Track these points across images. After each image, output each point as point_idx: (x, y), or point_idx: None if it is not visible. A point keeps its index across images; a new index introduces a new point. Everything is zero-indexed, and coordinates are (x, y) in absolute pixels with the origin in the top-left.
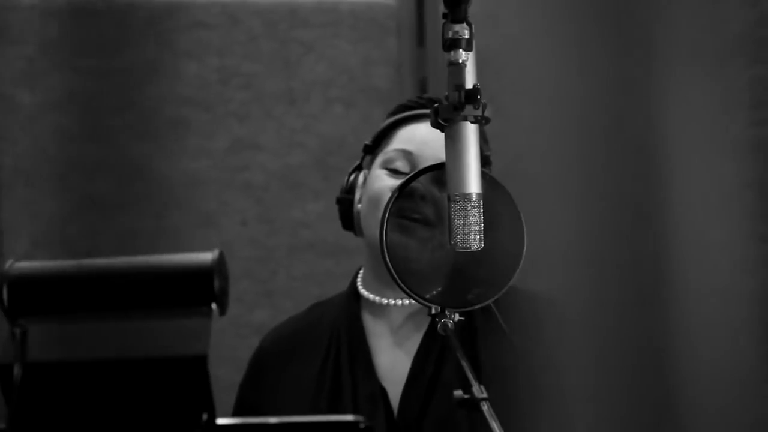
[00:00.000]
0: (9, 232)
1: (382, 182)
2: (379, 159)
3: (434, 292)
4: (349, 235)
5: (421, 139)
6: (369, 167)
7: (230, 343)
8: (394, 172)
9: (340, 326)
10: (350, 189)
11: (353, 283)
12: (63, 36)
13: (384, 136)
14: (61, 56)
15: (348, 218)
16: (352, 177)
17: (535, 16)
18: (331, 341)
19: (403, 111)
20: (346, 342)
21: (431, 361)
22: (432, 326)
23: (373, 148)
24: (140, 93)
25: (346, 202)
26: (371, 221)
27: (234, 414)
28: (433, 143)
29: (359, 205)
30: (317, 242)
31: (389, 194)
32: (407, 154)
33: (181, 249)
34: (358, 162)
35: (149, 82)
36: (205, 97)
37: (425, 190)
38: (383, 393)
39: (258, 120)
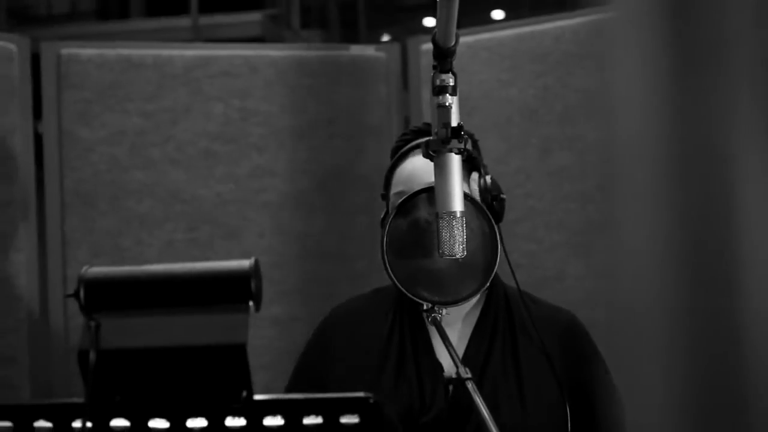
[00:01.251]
0: (71, 243)
1: None
2: (391, 202)
3: (426, 292)
4: (346, 244)
5: (407, 176)
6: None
7: (249, 333)
8: None
9: (402, 315)
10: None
11: None
12: (114, 82)
13: (388, 183)
14: (113, 99)
15: None
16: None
17: (501, 68)
18: (393, 325)
19: (395, 153)
20: (408, 330)
21: (482, 351)
22: (481, 321)
23: (385, 195)
24: (177, 129)
25: None
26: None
27: (296, 370)
28: (417, 175)
29: None
30: (321, 250)
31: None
32: (401, 195)
33: (210, 258)
34: (384, 210)
35: (184, 120)
36: (230, 132)
37: (428, 215)
38: (442, 372)
39: (273, 151)
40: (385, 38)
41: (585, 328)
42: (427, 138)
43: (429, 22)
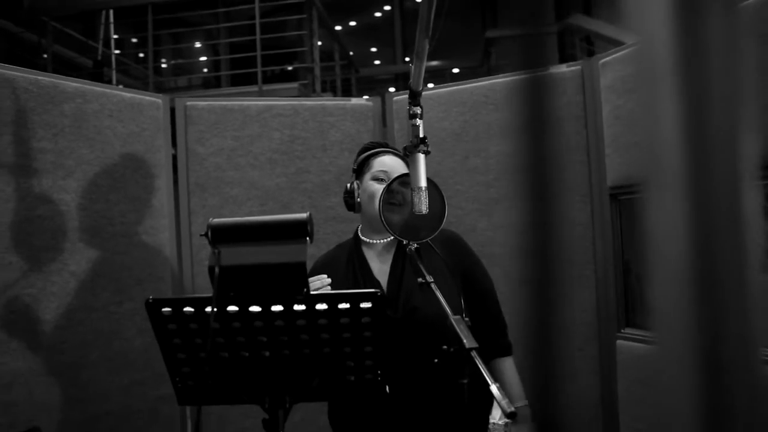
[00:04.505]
0: (193, 213)
1: (374, 187)
2: (369, 175)
3: (403, 233)
4: (351, 213)
5: (389, 165)
6: (358, 181)
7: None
8: (380, 180)
9: (352, 254)
10: (351, 193)
11: (356, 233)
12: (217, 120)
13: (364, 165)
14: (216, 130)
15: (351, 206)
16: (349, 186)
17: (439, 110)
18: (348, 261)
19: (366, 150)
20: (357, 262)
21: (399, 269)
22: (398, 251)
23: (358, 172)
24: (254, 147)
25: (349, 200)
26: (370, 205)
27: None
28: (395, 167)
29: (358, 199)
30: (336, 216)
31: (380, 191)
32: (385, 173)
33: None
34: (351, 180)
35: (258, 141)
36: (283, 149)
37: (398, 189)
38: (378, 284)
39: (308, 159)
40: (366, 97)
41: (462, 239)
42: (405, 145)
43: (392, 89)
